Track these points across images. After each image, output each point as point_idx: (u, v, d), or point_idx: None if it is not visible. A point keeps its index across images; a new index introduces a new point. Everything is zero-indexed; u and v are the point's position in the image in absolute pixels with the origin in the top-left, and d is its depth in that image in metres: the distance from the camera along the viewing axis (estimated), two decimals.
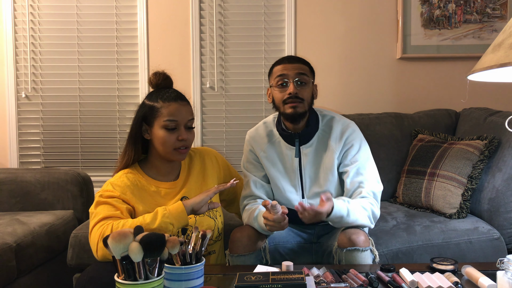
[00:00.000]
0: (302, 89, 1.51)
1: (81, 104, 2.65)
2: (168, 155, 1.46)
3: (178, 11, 2.62)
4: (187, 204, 1.38)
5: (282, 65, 1.53)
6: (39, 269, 1.94)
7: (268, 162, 1.62)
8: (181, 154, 1.46)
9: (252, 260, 1.47)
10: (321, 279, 1.21)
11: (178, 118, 1.43)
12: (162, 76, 1.50)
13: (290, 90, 1.50)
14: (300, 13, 2.61)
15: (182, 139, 1.43)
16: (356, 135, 1.60)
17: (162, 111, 1.42)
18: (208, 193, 1.41)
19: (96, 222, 1.33)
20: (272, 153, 1.62)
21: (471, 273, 1.21)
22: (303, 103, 1.51)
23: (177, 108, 1.43)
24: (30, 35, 2.61)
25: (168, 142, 1.43)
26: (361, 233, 1.43)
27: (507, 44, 1.17)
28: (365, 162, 1.57)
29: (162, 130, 1.42)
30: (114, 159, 2.65)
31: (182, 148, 1.45)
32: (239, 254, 1.46)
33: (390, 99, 2.64)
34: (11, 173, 2.26)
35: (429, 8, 2.57)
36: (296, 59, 1.56)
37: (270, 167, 1.61)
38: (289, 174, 1.60)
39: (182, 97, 1.47)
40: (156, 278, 0.95)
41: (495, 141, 1.91)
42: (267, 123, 1.67)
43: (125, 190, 1.41)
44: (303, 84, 1.52)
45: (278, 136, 1.62)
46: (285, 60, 1.55)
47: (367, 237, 1.44)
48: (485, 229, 1.78)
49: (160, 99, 1.44)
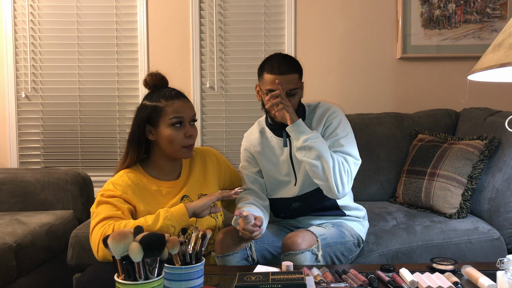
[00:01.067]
0: (290, 99, 1.54)
1: (81, 104, 2.65)
2: (176, 153, 1.46)
3: (178, 11, 2.62)
4: (189, 206, 1.38)
5: (274, 76, 1.52)
6: (39, 269, 1.94)
7: (261, 156, 1.67)
8: (188, 152, 1.48)
9: (237, 259, 1.47)
10: (321, 279, 1.21)
11: (184, 115, 1.44)
12: (159, 76, 1.50)
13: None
14: (300, 13, 2.61)
15: (190, 135, 1.45)
16: (336, 114, 1.61)
17: (166, 109, 1.43)
18: (211, 198, 1.42)
19: (97, 222, 1.33)
20: (264, 147, 1.67)
21: (471, 273, 1.21)
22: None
23: (181, 104, 1.45)
24: (30, 35, 2.61)
25: (176, 140, 1.44)
26: (298, 236, 1.44)
27: (507, 44, 1.17)
28: (344, 136, 1.57)
29: (169, 129, 1.43)
30: (114, 159, 2.65)
31: (190, 146, 1.47)
32: (223, 255, 1.47)
33: (390, 99, 2.64)
34: (11, 173, 2.26)
35: (429, 8, 2.57)
36: (287, 69, 1.52)
37: (264, 160, 1.66)
38: (281, 166, 1.64)
39: (182, 94, 1.49)
40: (156, 278, 0.95)
41: (495, 141, 1.91)
42: (260, 121, 1.75)
43: (126, 189, 1.41)
44: (292, 95, 1.55)
45: (269, 131, 1.67)
46: (275, 70, 1.52)
47: (306, 239, 1.45)
48: (485, 229, 1.78)
49: (162, 98, 1.44)
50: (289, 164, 1.63)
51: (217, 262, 1.49)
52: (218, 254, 1.48)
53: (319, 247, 1.45)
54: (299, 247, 1.42)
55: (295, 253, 1.41)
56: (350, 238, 1.59)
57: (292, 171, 1.64)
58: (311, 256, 1.43)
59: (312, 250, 1.43)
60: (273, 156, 1.66)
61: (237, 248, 1.48)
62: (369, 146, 2.25)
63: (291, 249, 1.42)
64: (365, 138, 2.26)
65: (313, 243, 1.45)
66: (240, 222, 1.41)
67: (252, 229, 1.39)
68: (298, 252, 1.41)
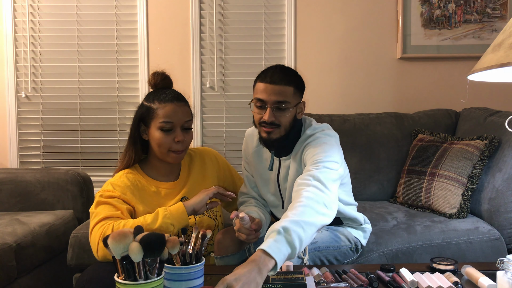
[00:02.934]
0: (280, 115, 1.38)
1: (81, 104, 2.65)
2: (164, 156, 1.45)
3: (178, 11, 2.62)
4: (187, 204, 1.38)
5: (264, 84, 1.37)
6: (39, 269, 1.94)
7: (252, 168, 1.58)
8: (176, 157, 1.45)
9: (236, 260, 1.46)
10: (321, 279, 1.21)
11: (174, 120, 1.42)
12: (161, 76, 1.49)
13: (265, 117, 1.37)
14: (300, 13, 2.61)
15: (178, 140, 1.42)
16: (315, 137, 1.41)
17: (158, 112, 1.41)
18: (207, 192, 1.41)
19: (97, 222, 1.33)
20: (257, 159, 1.56)
21: (471, 273, 1.21)
22: (279, 128, 1.39)
23: (172, 109, 1.41)
24: (30, 35, 2.61)
25: (164, 144, 1.42)
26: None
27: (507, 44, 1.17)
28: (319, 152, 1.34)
29: (158, 132, 1.42)
30: (114, 159, 2.65)
31: (178, 152, 1.44)
32: (222, 256, 1.46)
33: (390, 99, 2.64)
34: (11, 173, 2.26)
35: (429, 8, 2.57)
36: (280, 79, 1.36)
37: (254, 172, 1.57)
38: (270, 184, 1.55)
39: (179, 98, 1.45)
40: (156, 278, 0.95)
41: (495, 141, 1.91)
42: None
43: (125, 190, 1.41)
44: (280, 109, 1.38)
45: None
46: (267, 79, 1.37)
47: None
48: (485, 229, 1.78)
49: (157, 100, 1.43)
50: (276, 186, 1.52)
51: (216, 263, 1.48)
52: (217, 255, 1.48)
53: (305, 251, 1.39)
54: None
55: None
56: (346, 242, 1.53)
57: (279, 194, 1.53)
58: (297, 260, 1.37)
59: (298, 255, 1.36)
60: (264, 171, 1.54)
61: (236, 249, 1.46)
62: (369, 146, 2.25)
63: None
64: (365, 138, 2.26)
65: None
66: (237, 222, 1.36)
67: (247, 231, 1.33)
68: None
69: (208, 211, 1.52)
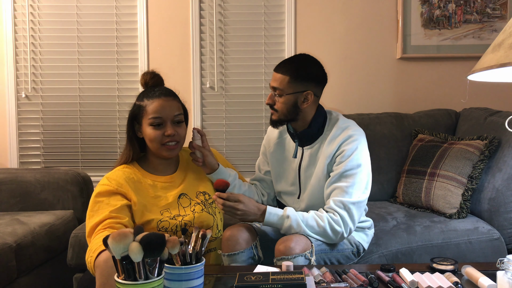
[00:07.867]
0: (276, 100, 1.54)
1: (81, 104, 2.65)
2: (158, 151, 1.47)
3: (178, 11, 2.62)
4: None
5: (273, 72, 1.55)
6: (39, 269, 1.94)
7: (273, 158, 1.67)
8: (170, 150, 1.47)
9: (244, 257, 1.47)
10: (321, 279, 1.21)
11: (163, 115, 1.44)
12: (150, 75, 1.52)
13: (267, 100, 1.57)
14: (300, 13, 2.61)
15: (168, 134, 1.45)
16: (353, 140, 1.51)
17: (147, 109, 1.45)
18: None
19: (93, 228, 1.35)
20: (278, 150, 1.66)
21: (471, 273, 1.21)
22: (276, 113, 1.55)
23: (160, 104, 1.45)
24: (30, 35, 2.61)
25: (155, 139, 1.45)
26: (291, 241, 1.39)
27: (507, 44, 1.17)
28: (351, 175, 1.48)
29: (149, 128, 1.45)
30: (114, 159, 2.64)
31: (171, 144, 1.46)
32: (230, 253, 1.46)
33: (390, 99, 2.64)
34: (11, 173, 2.26)
35: (429, 8, 2.57)
36: (279, 67, 1.53)
37: (275, 163, 1.67)
38: (289, 173, 1.63)
39: (167, 93, 1.48)
40: (156, 278, 0.95)
41: (495, 141, 1.91)
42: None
43: (121, 182, 1.44)
44: (277, 96, 1.53)
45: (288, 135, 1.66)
46: (276, 67, 1.55)
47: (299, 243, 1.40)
48: (485, 229, 1.78)
49: (145, 97, 1.47)
50: (297, 175, 1.61)
51: (223, 260, 1.48)
52: (225, 252, 1.47)
53: (312, 252, 1.41)
54: (292, 251, 1.37)
55: (287, 258, 1.37)
56: (349, 246, 1.55)
57: (298, 183, 1.61)
58: (304, 261, 1.39)
59: (305, 255, 1.39)
60: (285, 160, 1.64)
61: (244, 246, 1.47)
62: (369, 146, 2.21)
63: (284, 254, 1.38)
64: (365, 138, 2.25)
65: (306, 247, 1.40)
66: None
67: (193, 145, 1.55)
68: (291, 257, 1.36)
69: (206, 207, 1.53)
